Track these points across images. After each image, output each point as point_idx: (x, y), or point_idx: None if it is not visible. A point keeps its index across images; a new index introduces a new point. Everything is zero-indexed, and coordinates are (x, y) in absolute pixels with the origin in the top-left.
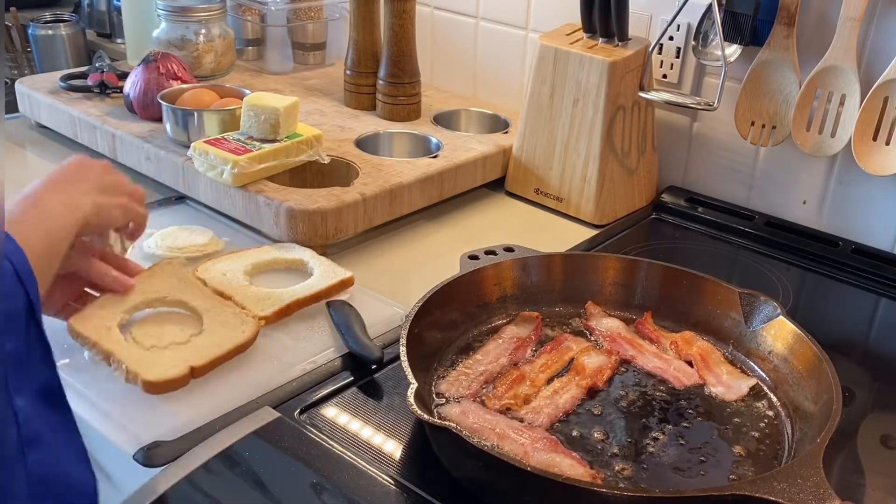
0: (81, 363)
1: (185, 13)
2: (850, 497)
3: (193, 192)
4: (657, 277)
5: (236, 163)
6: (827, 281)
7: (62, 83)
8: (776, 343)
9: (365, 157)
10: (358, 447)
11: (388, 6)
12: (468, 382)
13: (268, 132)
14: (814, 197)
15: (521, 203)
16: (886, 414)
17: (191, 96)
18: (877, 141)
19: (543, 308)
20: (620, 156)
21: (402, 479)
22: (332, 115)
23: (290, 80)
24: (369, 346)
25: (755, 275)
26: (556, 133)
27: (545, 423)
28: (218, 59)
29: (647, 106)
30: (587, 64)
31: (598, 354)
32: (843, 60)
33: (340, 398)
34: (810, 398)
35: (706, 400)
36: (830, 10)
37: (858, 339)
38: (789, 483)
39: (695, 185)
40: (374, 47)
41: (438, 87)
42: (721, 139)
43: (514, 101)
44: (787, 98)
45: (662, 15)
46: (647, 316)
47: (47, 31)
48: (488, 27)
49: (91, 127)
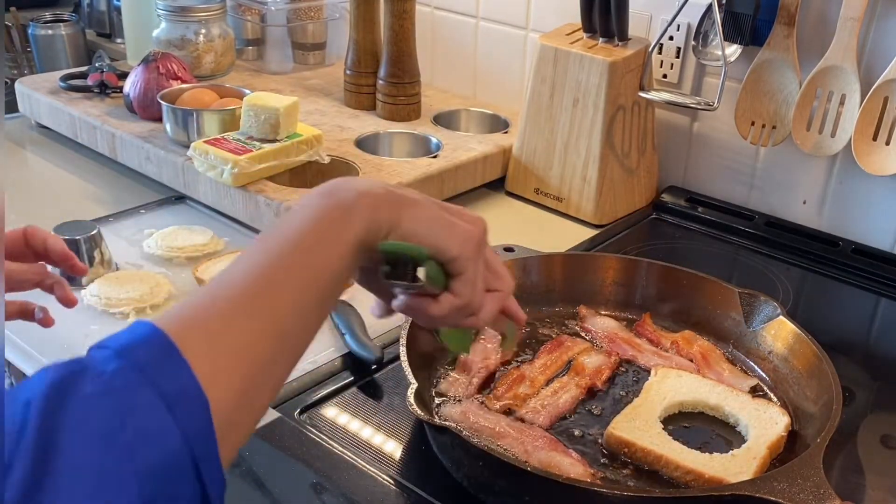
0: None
1: (185, 13)
2: (850, 497)
3: (193, 192)
4: (657, 277)
5: (236, 163)
6: (827, 281)
7: (62, 83)
8: (776, 343)
9: (365, 157)
10: (358, 447)
11: (388, 6)
12: (468, 382)
13: (268, 132)
14: (814, 197)
15: (521, 203)
16: (886, 414)
17: (191, 96)
18: (877, 141)
19: (543, 308)
20: (620, 156)
21: (402, 479)
22: (332, 115)
23: (290, 80)
24: (369, 346)
25: (755, 275)
26: (556, 133)
27: (545, 423)
28: (218, 59)
29: (647, 106)
30: (587, 64)
31: (598, 354)
32: (843, 60)
33: (340, 398)
34: (810, 398)
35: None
36: (830, 10)
37: (858, 339)
38: (789, 483)
39: (695, 185)
40: (374, 47)
41: (438, 87)
42: (721, 139)
43: (514, 101)
44: (787, 98)
45: (662, 15)
46: (646, 317)
47: (47, 30)
48: (488, 27)
49: (91, 127)
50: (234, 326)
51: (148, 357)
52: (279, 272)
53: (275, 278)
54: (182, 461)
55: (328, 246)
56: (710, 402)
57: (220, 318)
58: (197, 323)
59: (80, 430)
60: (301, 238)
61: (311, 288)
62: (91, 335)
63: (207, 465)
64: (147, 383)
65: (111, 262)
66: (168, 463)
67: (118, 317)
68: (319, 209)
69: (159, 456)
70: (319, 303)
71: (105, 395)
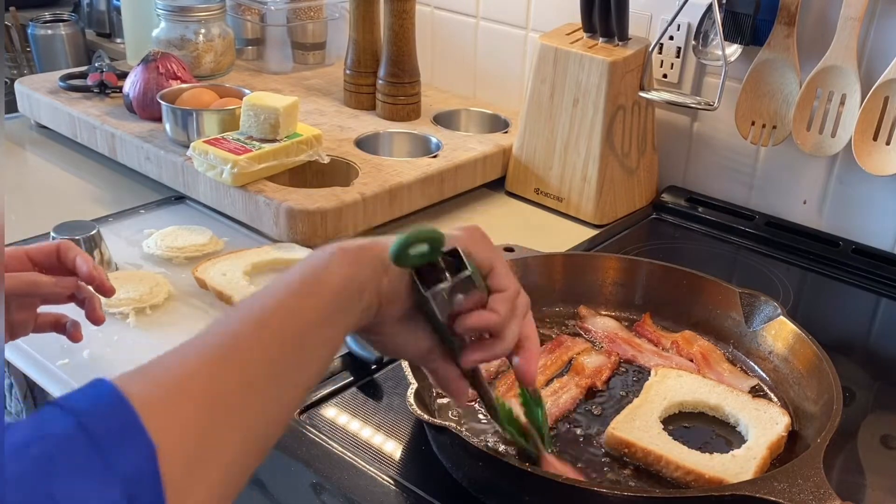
0: (80, 361)
1: (185, 13)
2: (851, 497)
3: (193, 192)
4: (657, 277)
5: (236, 163)
6: (827, 281)
7: (62, 83)
8: (776, 343)
9: (365, 156)
10: (358, 447)
11: (388, 6)
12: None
13: (267, 132)
14: (814, 197)
15: (521, 203)
16: (887, 414)
17: (190, 96)
18: (877, 141)
19: (543, 308)
20: (620, 156)
21: (402, 479)
22: (331, 115)
23: (289, 80)
24: (369, 346)
25: (755, 275)
26: (556, 133)
27: None
28: (217, 59)
29: (648, 106)
30: (587, 64)
31: (598, 354)
32: (843, 60)
33: (340, 398)
34: (811, 398)
35: None
36: (831, 10)
37: (859, 339)
38: (790, 483)
39: (695, 185)
40: (374, 47)
41: (438, 87)
42: (721, 139)
43: (514, 101)
44: (787, 98)
45: (662, 14)
46: (646, 318)
47: (47, 30)
48: (488, 27)
49: (91, 127)
50: (191, 369)
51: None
52: (248, 325)
53: (241, 331)
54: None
55: (305, 298)
56: (711, 402)
57: (180, 364)
58: (152, 369)
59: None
60: (263, 303)
61: (282, 337)
62: (90, 335)
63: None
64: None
65: (111, 262)
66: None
67: (118, 317)
68: (293, 279)
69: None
70: (295, 351)
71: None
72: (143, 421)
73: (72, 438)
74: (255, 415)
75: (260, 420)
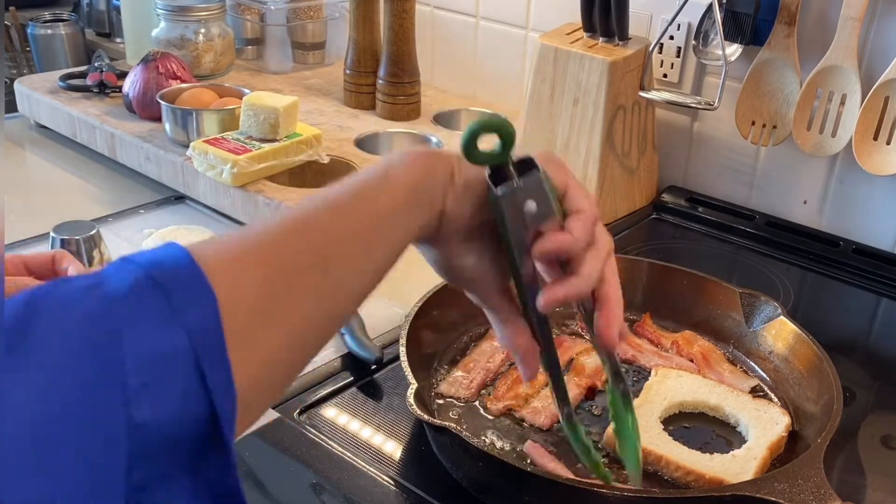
0: None
1: (185, 12)
2: (851, 497)
3: (193, 192)
4: (657, 277)
5: (236, 162)
6: (827, 281)
7: (61, 83)
8: (777, 343)
9: (365, 156)
10: (357, 447)
11: (388, 6)
12: (468, 383)
13: (267, 132)
14: (814, 197)
15: None
16: (887, 414)
17: (190, 96)
18: (877, 141)
19: None
20: (620, 155)
21: (401, 479)
22: (331, 115)
23: (289, 80)
24: (369, 346)
25: (755, 275)
26: (556, 133)
27: (545, 424)
28: (217, 59)
29: (648, 105)
30: (587, 63)
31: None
32: (843, 60)
33: (340, 398)
34: (811, 398)
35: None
36: (831, 10)
37: (859, 339)
38: (790, 483)
39: (695, 185)
40: (374, 47)
41: (438, 87)
42: (721, 139)
43: (514, 101)
44: (787, 98)
45: (663, 14)
46: (646, 318)
47: (46, 30)
48: (488, 27)
49: (90, 127)
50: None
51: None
52: (322, 203)
53: (316, 207)
54: (181, 351)
55: (379, 189)
56: (711, 402)
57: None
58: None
59: (63, 315)
60: (339, 189)
61: (355, 217)
62: None
63: (211, 362)
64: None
65: (111, 262)
66: (164, 351)
67: None
68: (367, 175)
69: (152, 343)
70: (366, 231)
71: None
72: (209, 279)
73: (142, 285)
74: (321, 291)
75: (324, 297)
